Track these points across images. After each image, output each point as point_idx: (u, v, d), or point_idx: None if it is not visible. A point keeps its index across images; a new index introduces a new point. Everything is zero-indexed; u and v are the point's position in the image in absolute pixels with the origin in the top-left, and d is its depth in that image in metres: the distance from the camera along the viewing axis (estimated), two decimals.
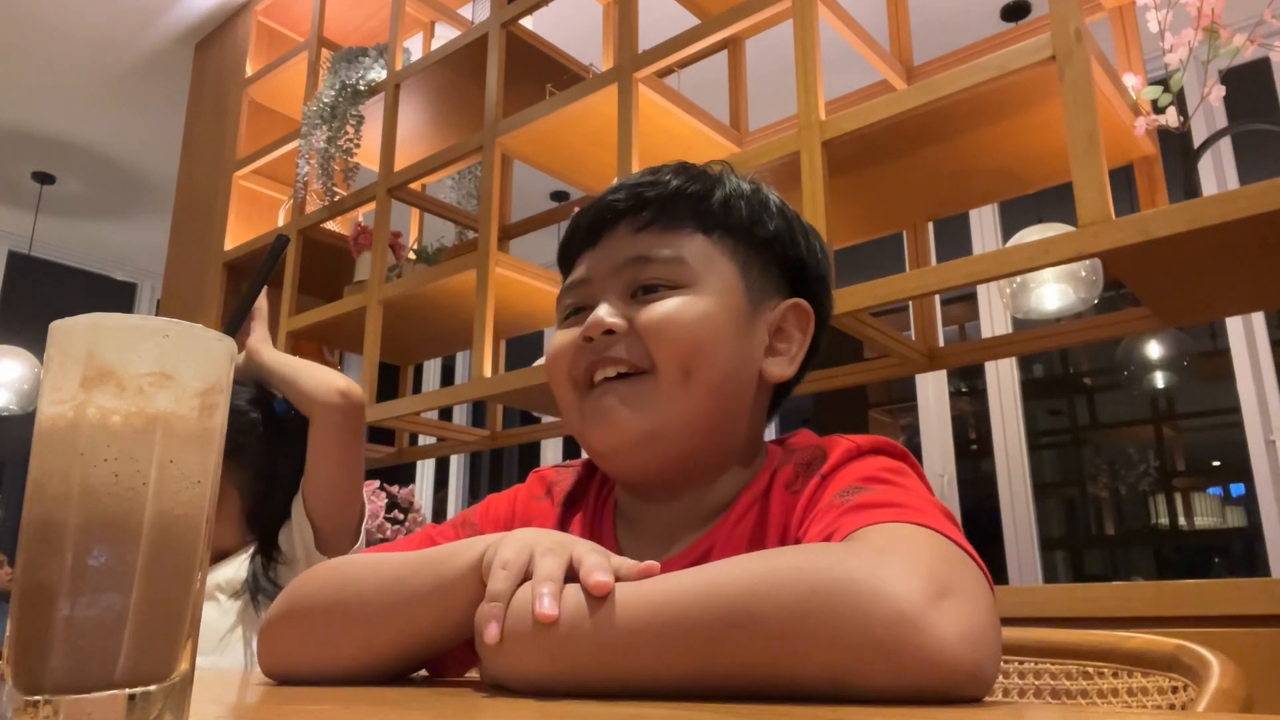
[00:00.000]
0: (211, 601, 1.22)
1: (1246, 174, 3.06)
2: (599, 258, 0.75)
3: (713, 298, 0.71)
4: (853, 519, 0.57)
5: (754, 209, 0.76)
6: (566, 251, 0.79)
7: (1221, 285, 1.56)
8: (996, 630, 0.50)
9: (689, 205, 0.74)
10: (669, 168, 0.77)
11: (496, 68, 2.39)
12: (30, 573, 0.38)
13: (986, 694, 0.48)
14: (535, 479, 0.84)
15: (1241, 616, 1.30)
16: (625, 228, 0.74)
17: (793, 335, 0.76)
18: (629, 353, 0.70)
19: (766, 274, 0.76)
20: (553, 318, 2.76)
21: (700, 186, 0.75)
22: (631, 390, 0.70)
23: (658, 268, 0.72)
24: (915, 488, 0.63)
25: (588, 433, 0.72)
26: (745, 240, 0.75)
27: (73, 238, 5.15)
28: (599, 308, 0.72)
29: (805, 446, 0.72)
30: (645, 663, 0.50)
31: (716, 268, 0.73)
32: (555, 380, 0.75)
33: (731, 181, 0.77)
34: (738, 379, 0.73)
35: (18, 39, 3.56)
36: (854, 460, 0.68)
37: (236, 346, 0.44)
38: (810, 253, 0.79)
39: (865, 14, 1.94)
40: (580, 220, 0.77)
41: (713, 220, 0.74)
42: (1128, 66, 1.74)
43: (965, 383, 4.11)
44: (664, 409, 0.69)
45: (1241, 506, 3.99)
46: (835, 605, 0.46)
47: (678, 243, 0.73)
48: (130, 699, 0.36)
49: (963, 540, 0.54)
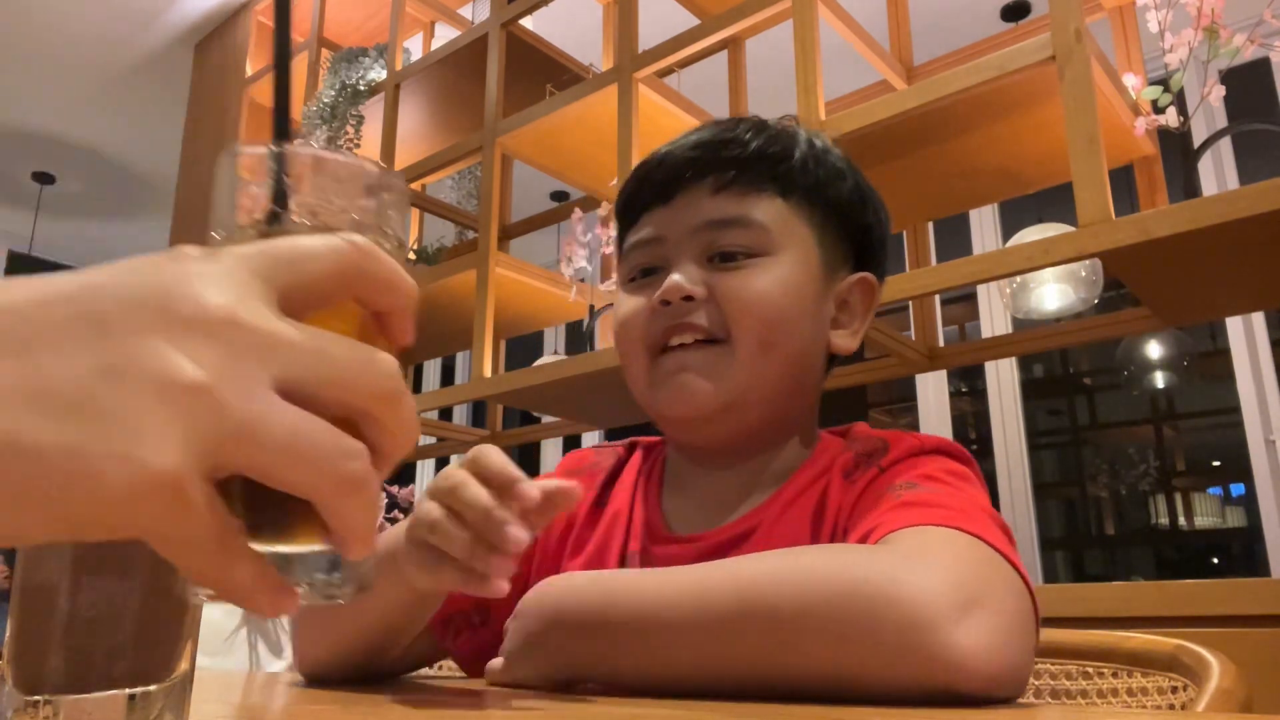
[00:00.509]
0: (215, 602, 1.22)
1: (1246, 174, 3.06)
2: (672, 217, 0.72)
3: (792, 266, 0.70)
4: (896, 517, 0.56)
5: (829, 171, 0.74)
6: (632, 204, 0.75)
7: (1221, 285, 1.56)
8: (1024, 643, 0.49)
9: (768, 167, 0.71)
10: (746, 124, 0.74)
11: (496, 68, 2.39)
12: (30, 573, 0.38)
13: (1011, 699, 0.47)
14: (573, 461, 0.82)
15: (1241, 616, 1.30)
16: (701, 188, 0.71)
17: (856, 309, 0.75)
18: (707, 320, 0.68)
19: (838, 241, 0.74)
20: (553, 318, 2.74)
21: (780, 147, 0.72)
22: (707, 360, 0.68)
23: (737, 234, 0.69)
24: (970, 492, 0.62)
25: (658, 400, 0.70)
26: (821, 204, 0.73)
27: (73, 238, 5.15)
28: (675, 272, 0.69)
29: (867, 437, 0.71)
30: (660, 650, 0.50)
31: (795, 234, 0.71)
32: (627, 345, 0.72)
33: (805, 141, 0.74)
34: (811, 350, 0.72)
35: (18, 39, 3.56)
36: (916, 457, 0.67)
37: None
38: (875, 217, 0.77)
39: (865, 14, 1.94)
40: (650, 174, 0.74)
41: (791, 183, 0.72)
42: (1128, 66, 1.74)
43: (965, 383, 4.10)
44: (740, 380, 0.68)
45: (1241, 506, 3.99)
46: (846, 606, 0.46)
47: (757, 207, 0.70)
48: (130, 699, 0.36)
49: (1005, 547, 0.53)
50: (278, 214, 0.33)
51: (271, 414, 0.26)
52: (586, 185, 2.48)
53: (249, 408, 0.25)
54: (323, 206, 0.34)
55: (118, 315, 0.25)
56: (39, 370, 0.24)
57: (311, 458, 0.26)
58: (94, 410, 0.24)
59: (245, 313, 0.26)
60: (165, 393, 0.24)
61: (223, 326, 0.26)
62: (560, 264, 2.30)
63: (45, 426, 0.24)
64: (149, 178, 4.51)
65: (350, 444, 0.27)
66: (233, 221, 0.33)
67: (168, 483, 0.24)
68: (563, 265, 2.29)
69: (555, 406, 2.44)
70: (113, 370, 0.24)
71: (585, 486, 0.77)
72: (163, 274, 0.26)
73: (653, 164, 0.74)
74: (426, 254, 2.63)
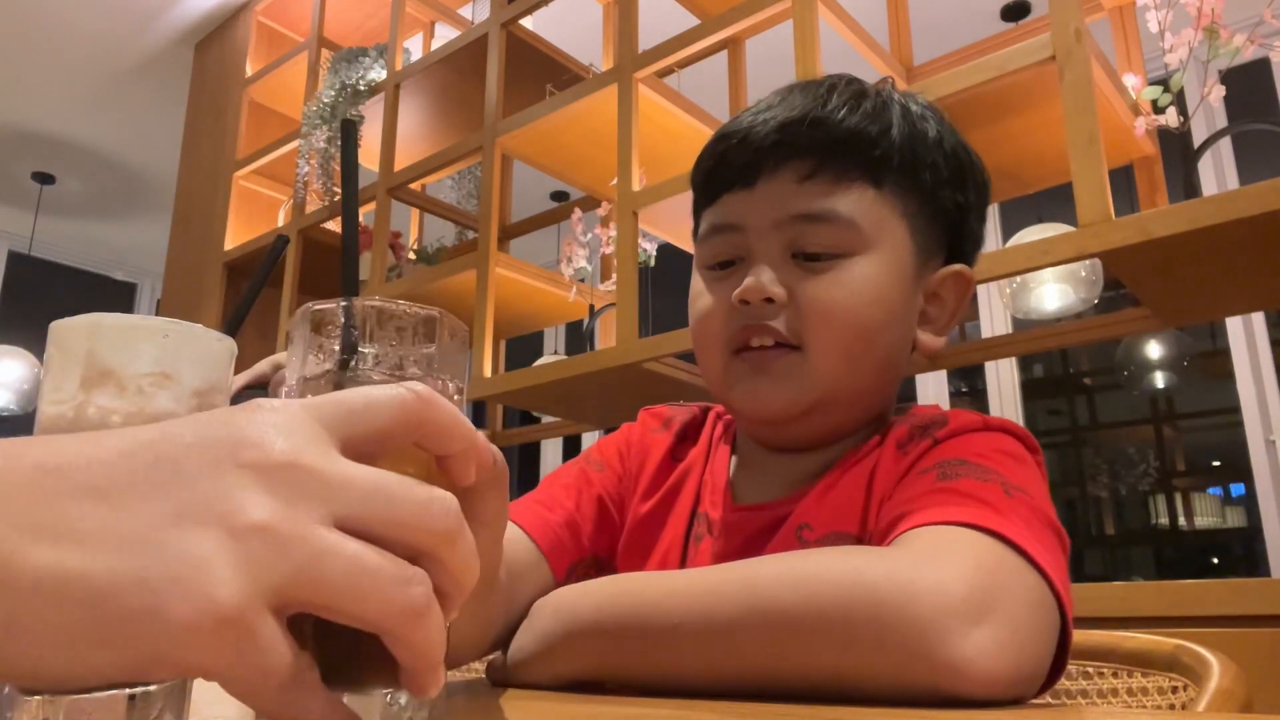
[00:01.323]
0: None
1: (1246, 174, 3.06)
2: (755, 206, 0.66)
3: (882, 267, 0.64)
4: (928, 504, 0.54)
5: (927, 149, 0.67)
6: (710, 182, 0.70)
7: (1221, 285, 1.56)
8: (1036, 650, 0.47)
9: (861, 151, 0.65)
10: (840, 95, 0.66)
11: (496, 68, 2.39)
12: None
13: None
14: (648, 415, 0.81)
15: (1241, 616, 1.30)
16: (786, 173, 0.65)
17: (947, 303, 0.70)
18: (786, 326, 0.64)
19: (932, 229, 0.68)
20: (553, 318, 2.73)
21: (876, 127, 0.66)
22: (785, 367, 0.64)
23: (824, 231, 0.64)
24: (1021, 477, 0.58)
25: (733, 400, 0.67)
26: (915, 191, 0.67)
27: (73, 238, 5.15)
28: (758, 270, 0.64)
29: (928, 413, 0.68)
30: (670, 654, 0.50)
31: (888, 230, 0.65)
32: (704, 341, 0.69)
33: (900, 110, 0.67)
34: (898, 353, 0.68)
35: (18, 39, 3.56)
36: (974, 433, 0.63)
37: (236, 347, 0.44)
38: (975, 192, 0.70)
39: (865, 14, 1.94)
40: (731, 154, 0.68)
41: (885, 169, 0.65)
42: (1128, 66, 1.74)
43: (965, 383, 4.10)
44: (820, 387, 0.64)
45: (1241, 506, 3.99)
46: (854, 612, 0.45)
47: (847, 198, 0.64)
48: (130, 699, 0.36)
49: (1033, 549, 0.49)
50: (346, 362, 0.37)
51: (332, 549, 0.27)
52: (586, 185, 2.48)
53: (310, 544, 0.27)
54: (388, 355, 0.37)
55: (191, 461, 0.28)
56: (118, 513, 0.26)
57: (373, 588, 0.27)
58: (165, 549, 0.26)
59: (308, 457, 0.28)
60: (232, 532, 0.27)
61: (286, 470, 0.28)
62: (560, 264, 2.30)
63: (117, 564, 0.26)
64: (149, 178, 4.51)
65: (410, 571, 0.28)
66: (306, 370, 0.37)
67: (233, 617, 0.26)
68: (563, 265, 2.29)
69: (555, 406, 2.44)
70: (185, 511, 0.27)
71: (666, 438, 0.77)
72: (234, 423, 0.29)
73: (734, 140, 0.68)
74: (426, 254, 2.62)
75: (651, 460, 0.76)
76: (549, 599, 0.56)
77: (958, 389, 4.04)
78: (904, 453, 0.64)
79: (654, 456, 0.76)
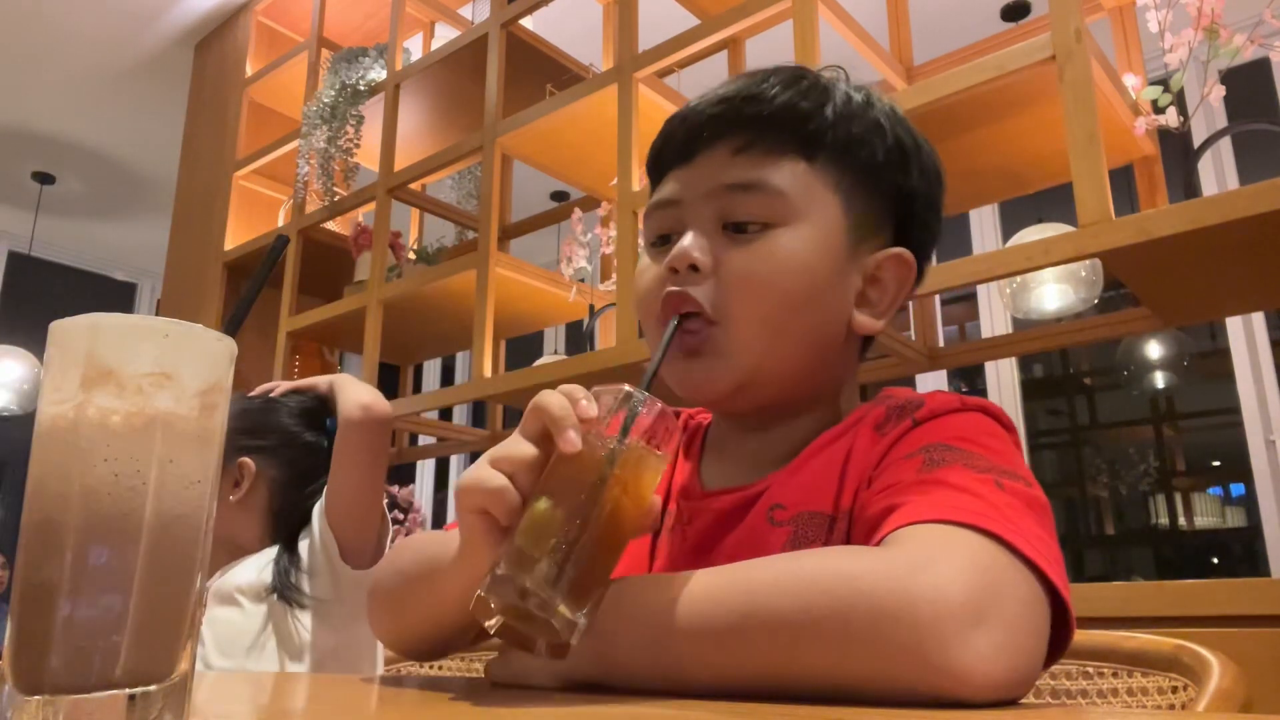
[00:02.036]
0: (233, 606, 1.24)
1: (1246, 174, 3.06)
2: (690, 178, 0.68)
3: (810, 240, 0.65)
4: (919, 500, 0.53)
5: (866, 128, 0.68)
6: (658, 161, 0.72)
7: (1221, 285, 1.56)
8: (1034, 652, 0.47)
9: (794, 125, 0.66)
10: (777, 75, 0.68)
11: (496, 68, 2.39)
12: (30, 573, 0.38)
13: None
14: None
15: (1241, 616, 1.30)
16: (722, 147, 0.67)
17: (888, 287, 0.69)
18: (709, 298, 0.64)
19: (870, 207, 0.68)
20: (553, 318, 2.74)
21: (809, 103, 0.67)
22: (711, 345, 0.65)
23: (752, 200, 0.65)
24: (1011, 459, 0.58)
25: (668, 376, 0.68)
26: (852, 167, 0.67)
27: (73, 238, 5.15)
28: (685, 238, 0.65)
29: (903, 394, 0.68)
30: (668, 656, 0.50)
31: (818, 202, 0.66)
32: (643, 315, 0.70)
33: (842, 93, 0.68)
34: (826, 330, 0.67)
35: (18, 39, 3.56)
36: (954, 414, 0.63)
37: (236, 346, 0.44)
38: (922, 181, 0.70)
39: (865, 14, 1.94)
40: (673, 131, 0.70)
41: (818, 143, 0.66)
42: (1128, 66, 1.74)
43: (965, 383, 4.11)
44: (746, 362, 0.65)
45: (1241, 506, 3.99)
46: (851, 617, 0.45)
47: (777, 171, 0.65)
48: (130, 699, 0.36)
49: (1028, 546, 0.49)
50: None
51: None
52: (586, 185, 2.48)
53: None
54: None
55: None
56: None
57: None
58: None
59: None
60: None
61: None
62: (560, 264, 2.30)
63: None
64: (149, 178, 4.51)
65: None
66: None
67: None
68: (563, 265, 2.29)
69: None
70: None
71: None
72: None
73: (677, 120, 0.70)
74: (426, 254, 2.62)
75: None
76: None
77: (958, 389, 4.04)
78: (881, 434, 0.64)
79: None
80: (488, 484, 0.52)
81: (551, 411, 0.51)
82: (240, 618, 1.22)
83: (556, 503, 0.50)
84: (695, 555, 0.66)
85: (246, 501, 1.30)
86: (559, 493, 0.50)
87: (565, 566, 0.48)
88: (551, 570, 0.48)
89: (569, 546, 0.48)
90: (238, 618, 1.22)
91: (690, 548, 0.68)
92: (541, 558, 0.48)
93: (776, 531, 0.63)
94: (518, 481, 0.52)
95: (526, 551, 0.48)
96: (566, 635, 0.48)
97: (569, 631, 0.48)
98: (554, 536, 0.49)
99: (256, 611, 1.23)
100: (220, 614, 1.24)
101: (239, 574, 1.26)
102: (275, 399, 1.36)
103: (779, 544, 0.62)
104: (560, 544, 0.48)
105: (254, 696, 0.61)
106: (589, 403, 0.52)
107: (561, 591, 0.48)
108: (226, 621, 1.23)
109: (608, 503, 0.50)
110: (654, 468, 0.52)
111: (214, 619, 1.24)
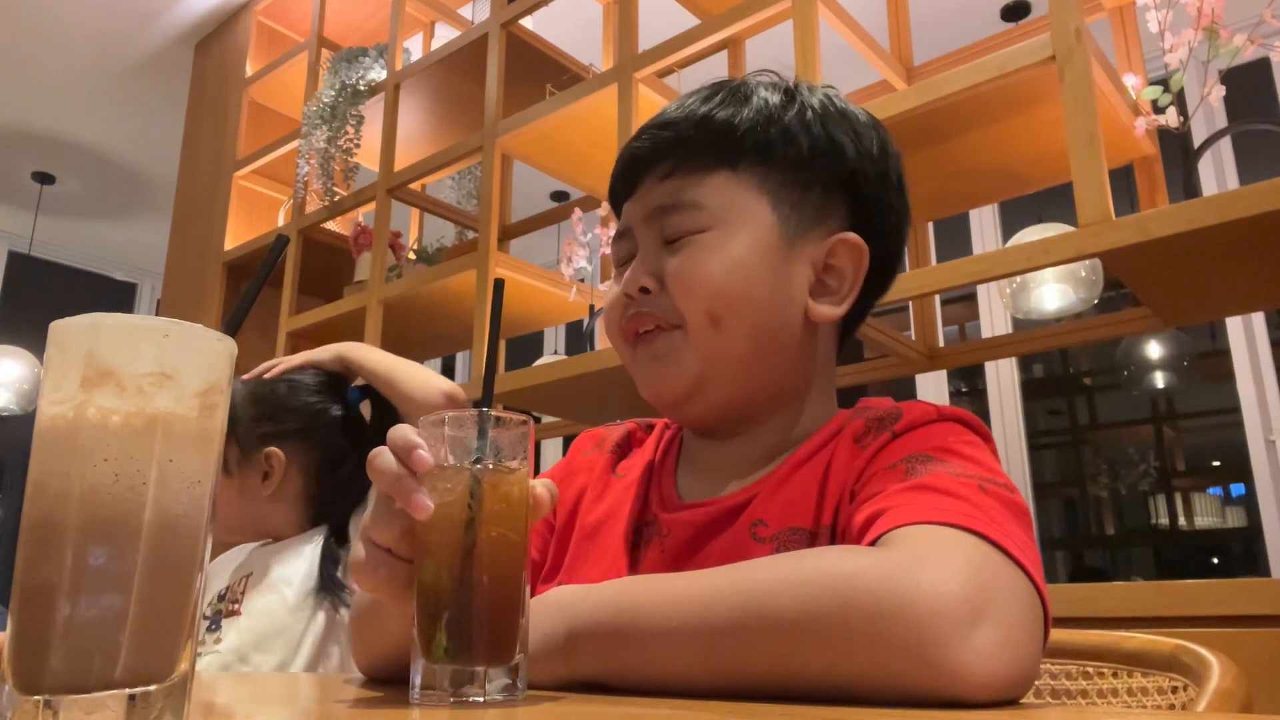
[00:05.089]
0: (276, 596, 1.14)
1: (1246, 174, 3.06)
2: (634, 208, 0.74)
3: (737, 239, 0.68)
4: (907, 503, 0.54)
5: (785, 129, 0.70)
6: (613, 199, 0.78)
7: (1221, 285, 1.56)
8: (1031, 650, 0.47)
9: (711, 140, 0.70)
10: (698, 95, 0.73)
11: (496, 68, 2.39)
12: (30, 573, 0.38)
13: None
14: (584, 437, 0.85)
15: (1241, 616, 1.30)
16: (653, 175, 0.72)
17: (844, 272, 0.71)
18: (659, 309, 0.70)
19: (807, 199, 0.71)
20: (552, 317, 2.74)
21: (724, 114, 0.71)
22: (667, 347, 0.69)
23: (679, 217, 0.70)
24: (990, 466, 0.60)
25: (638, 387, 0.73)
26: (777, 166, 0.70)
27: (73, 238, 5.15)
28: (633, 264, 0.72)
29: (879, 405, 0.69)
30: (667, 657, 0.50)
31: (740, 206, 0.69)
32: (610, 337, 0.75)
33: (759, 99, 0.72)
34: (776, 321, 0.69)
35: (18, 39, 3.56)
36: (931, 424, 0.64)
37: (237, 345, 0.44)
38: (864, 158, 0.72)
39: (865, 14, 1.94)
40: (621, 166, 0.76)
41: (737, 152, 0.70)
42: (1128, 66, 1.74)
43: (965, 383, 4.10)
44: (699, 361, 0.68)
45: (1241, 506, 3.98)
46: (851, 617, 0.45)
47: (697, 187, 0.70)
48: (130, 699, 0.36)
49: (1015, 548, 0.50)
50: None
51: None
52: (586, 185, 2.48)
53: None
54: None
55: None
56: None
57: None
58: None
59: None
60: None
61: None
62: (560, 264, 2.30)
63: None
64: (149, 178, 4.51)
65: None
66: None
67: None
68: (563, 265, 2.29)
69: (555, 406, 2.44)
70: None
71: (599, 456, 0.80)
72: None
73: (625, 154, 0.75)
74: (426, 254, 2.62)
75: (590, 477, 0.78)
76: (549, 599, 0.56)
77: (958, 389, 4.04)
78: (861, 447, 0.65)
79: (593, 473, 0.78)
80: (374, 568, 0.52)
81: (388, 480, 0.50)
82: (283, 610, 1.13)
83: (438, 564, 0.49)
84: (675, 568, 0.67)
85: (280, 492, 1.22)
86: (437, 550, 0.49)
87: (474, 634, 0.48)
88: (462, 647, 0.48)
89: (467, 611, 0.48)
90: (280, 610, 1.13)
91: (669, 560, 0.68)
92: (447, 639, 0.48)
93: (760, 548, 0.64)
94: (398, 551, 0.52)
95: (432, 634, 0.48)
96: (509, 694, 0.48)
97: (509, 692, 0.48)
98: (448, 608, 0.48)
99: (303, 606, 1.13)
100: (259, 604, 1.14)
101: (288, 563, 1.17)
102: (292, 378, 1.28)
103: None
104: (458, 614, 0.48)
105: (255, 699, 0.61)
106: (424, 450, 0.50)
107: (481, 658, 0.48)
108: (266, 613, 1.13)
109: (485, 544, 0.49)
110: (516, 482, 0.51)
111: (252, 609, 1.14)
